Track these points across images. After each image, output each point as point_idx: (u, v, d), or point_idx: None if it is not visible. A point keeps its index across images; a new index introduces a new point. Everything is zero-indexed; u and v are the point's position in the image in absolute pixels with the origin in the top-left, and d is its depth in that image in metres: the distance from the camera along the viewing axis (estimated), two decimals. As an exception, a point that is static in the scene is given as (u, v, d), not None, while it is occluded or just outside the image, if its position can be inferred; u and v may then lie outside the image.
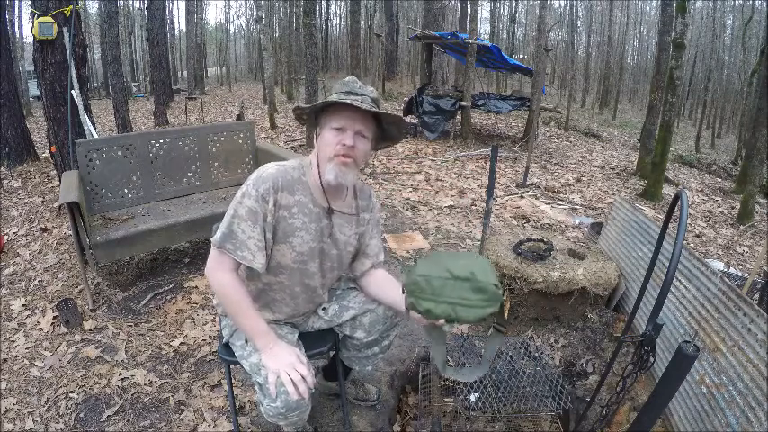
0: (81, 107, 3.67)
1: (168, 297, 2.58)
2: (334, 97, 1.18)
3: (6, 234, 3.31)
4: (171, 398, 1.85)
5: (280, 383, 1.18)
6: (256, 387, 1.30)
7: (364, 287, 1.48)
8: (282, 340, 1.36)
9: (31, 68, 12.19)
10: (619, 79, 21.78)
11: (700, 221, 5.00)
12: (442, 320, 1.13)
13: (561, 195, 5.18)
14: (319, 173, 1.23)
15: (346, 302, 1.49)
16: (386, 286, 1.42)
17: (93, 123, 3.87)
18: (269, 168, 1.23)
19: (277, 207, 1.22)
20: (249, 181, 1.22)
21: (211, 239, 1.23)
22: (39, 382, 1.91)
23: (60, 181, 2.86)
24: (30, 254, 3.02)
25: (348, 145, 1.18)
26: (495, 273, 1.15)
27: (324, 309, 1.49)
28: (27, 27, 20.55)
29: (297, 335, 1.43)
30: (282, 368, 1.17)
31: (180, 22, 28.09)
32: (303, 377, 1.17)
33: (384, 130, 1.31)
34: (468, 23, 9.11)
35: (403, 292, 1.18)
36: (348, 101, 1.15)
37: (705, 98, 17.48)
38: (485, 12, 26.13)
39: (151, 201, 2.97)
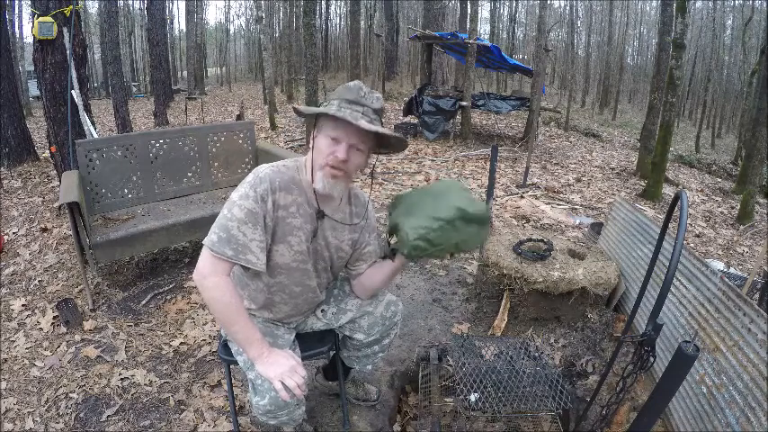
0: (81, 107, 3.67)
1: (168, 297, 2.58)
2: (334, 106, 1.15)
3: (6, 234, 3.31)
4: (171, 398, 1.85)
5: (267, 382, 1.20)
6: (249, 384, 1.30)
7: (355, 286, 1.47)
8: (279, 340, 1.36)
9: (31, 68, 12.15)
10: (619, 79, 21.77)
11: (700, 221, 4.99)
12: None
13: (561, 195, 5.18)
14: (312, 177, 1.21)
15: (344, 305, 1.49)
16: (373, 273, 1.42)
17: (93, 123, 3.87)
18: (264, 169, 1.21)
19: (276, 207, 1.19)
20: (245, 182, 1.19)
21: (204, 242, 1.18)
22: (39, 382, 1.91)
23: (60, 181, 2.86)
24: (30, 254, 3.02)
25: (340, 158, 1.14)
26: (469, 193, 1.28)
27: (323, 311, 1.50)
28: (27, 27, 20.55)
29: (294, 335, 1.43)
30: (286, 374, 1.17)
31: (180, 22, 28.05)
32: (303, 379, 1.19)
33: (382, 139, 1.26)
34: (468, 23, 9.12)
35: (392, 251, 1.34)
36: (345, 115, 1.11)
37: (705, 98, 17.51)
38: (485, 12, 26.17)
39: (151, 201, 2.97)
